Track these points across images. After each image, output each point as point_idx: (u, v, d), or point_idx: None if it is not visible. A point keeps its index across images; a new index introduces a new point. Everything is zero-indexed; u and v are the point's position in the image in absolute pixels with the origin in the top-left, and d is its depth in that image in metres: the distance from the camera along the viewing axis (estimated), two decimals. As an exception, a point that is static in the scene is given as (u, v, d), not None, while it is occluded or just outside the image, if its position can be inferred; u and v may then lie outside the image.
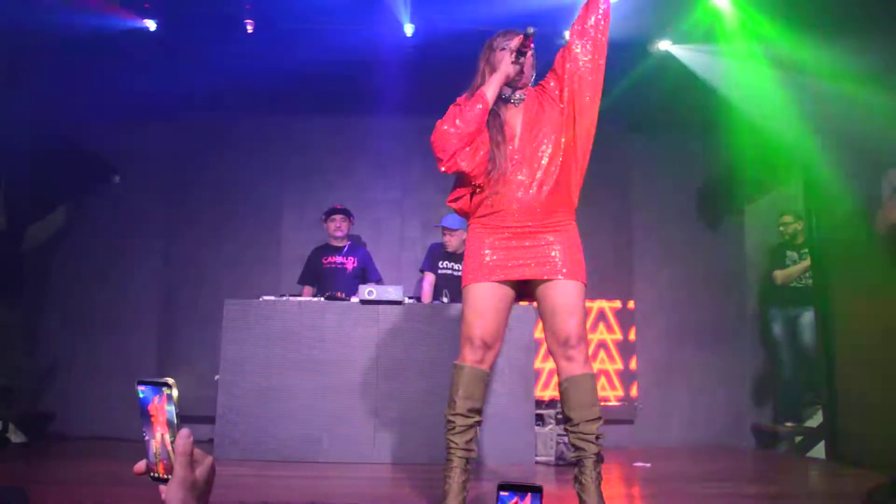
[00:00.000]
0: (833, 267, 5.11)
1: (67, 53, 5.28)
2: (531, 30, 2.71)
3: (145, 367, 5.91)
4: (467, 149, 2.74)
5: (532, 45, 2.79)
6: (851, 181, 4.50)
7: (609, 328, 6.27)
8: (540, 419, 4.83)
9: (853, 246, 4.74)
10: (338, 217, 5.70)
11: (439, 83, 3.20)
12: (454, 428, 2.75)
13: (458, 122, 2.72)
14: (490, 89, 2.78)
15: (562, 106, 2.86)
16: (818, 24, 4.46)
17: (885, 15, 4.10)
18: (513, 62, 2.79)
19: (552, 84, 2.91)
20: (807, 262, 5.79)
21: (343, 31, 5.24)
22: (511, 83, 2.85)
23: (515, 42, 2.78)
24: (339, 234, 5.69)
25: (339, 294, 4.95)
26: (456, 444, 2.74)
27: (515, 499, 1.11)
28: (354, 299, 4.86)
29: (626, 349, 6.25)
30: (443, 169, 2.77)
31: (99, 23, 5.15)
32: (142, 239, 6.22)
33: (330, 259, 5.69)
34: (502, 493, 1.12)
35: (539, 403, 4.96)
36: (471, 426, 2.77)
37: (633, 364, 6.23)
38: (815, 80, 4.82)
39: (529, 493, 1.12)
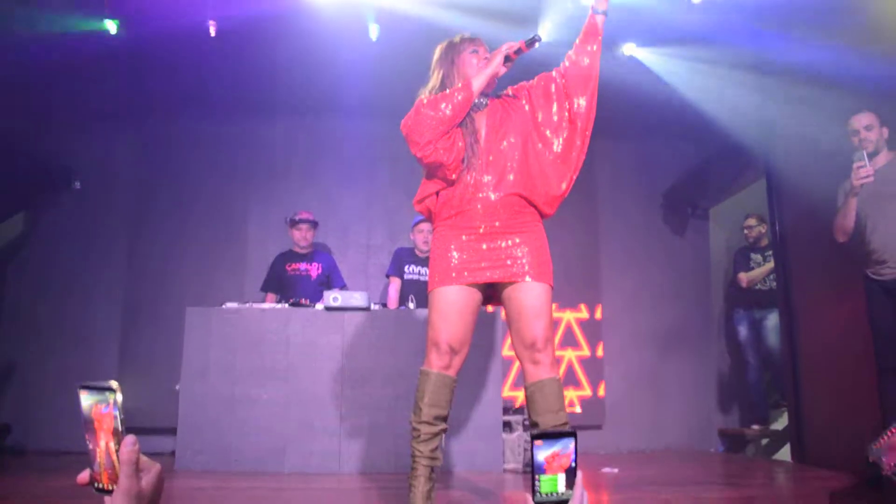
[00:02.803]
0: (797, 269, 5.17)
1: (25, 57, 5.13)
2: (539, 37, 2.75)
3: (106, 376, 5.68)
4: (445, 138, 2.71)
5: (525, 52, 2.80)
6: (814, 184, 4.54)
7: (577, 337, 6.24)
8: (507, 426, 4.80)
9: (816, 248, 4.79)
10: (304, 226, 5.60)
11: (404, 87, 3.16)
12: (419, 436, 2.71)
13: (443, 106, 2.70)
14: (477, 81, 2.77)
15: (527, 107, 2.88)
16: (782, 27, 4.52)
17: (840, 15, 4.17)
18: (503, 63, 2.80)
19: (524, 101, 2.92)
20: (771, 265, 5.85)
21: (306, 33, 5.17)
22: None
23: (515, 45, 2.79)
24: (304, 243, 5.61)
25: (303, 301, 4.87)
26: (421, 452, 2.70)
27: (554, 449, 1.09)
28: (319, 306, 4.78)
29: (593, 362, 6.24)
30: (419, 154, 2.72)
31: (59, 26, 5.02)
32: (103, 246, 6.10)
33: (294, 266, 5.60)
34: (537, 444, 1.09)
35: (506, 410, 4.92)
36: (436, 434, 2.73)
37: (601, 360, 6.22)
38: (777, 83, 4.87)
39: (570, 439, 1.09)
